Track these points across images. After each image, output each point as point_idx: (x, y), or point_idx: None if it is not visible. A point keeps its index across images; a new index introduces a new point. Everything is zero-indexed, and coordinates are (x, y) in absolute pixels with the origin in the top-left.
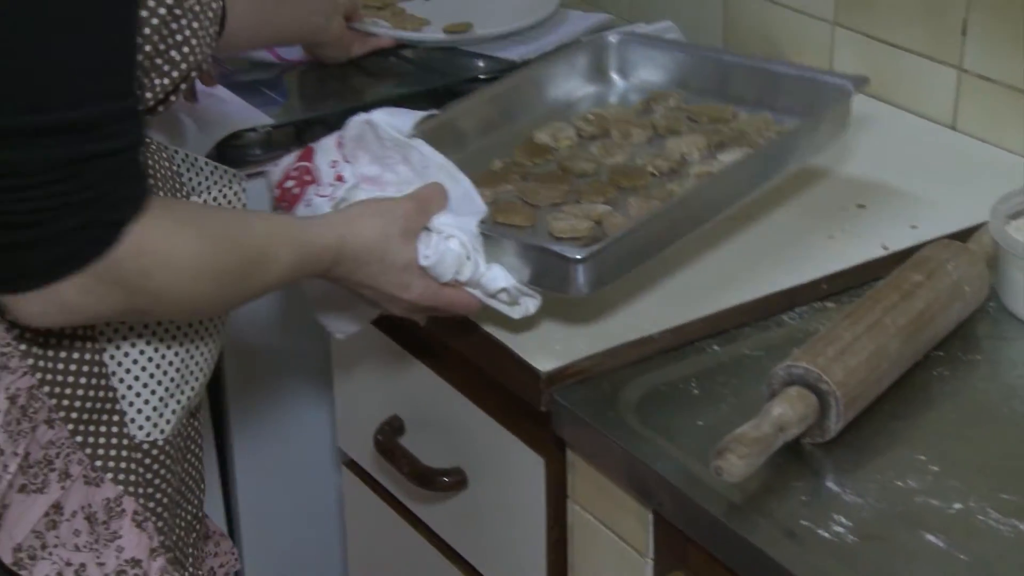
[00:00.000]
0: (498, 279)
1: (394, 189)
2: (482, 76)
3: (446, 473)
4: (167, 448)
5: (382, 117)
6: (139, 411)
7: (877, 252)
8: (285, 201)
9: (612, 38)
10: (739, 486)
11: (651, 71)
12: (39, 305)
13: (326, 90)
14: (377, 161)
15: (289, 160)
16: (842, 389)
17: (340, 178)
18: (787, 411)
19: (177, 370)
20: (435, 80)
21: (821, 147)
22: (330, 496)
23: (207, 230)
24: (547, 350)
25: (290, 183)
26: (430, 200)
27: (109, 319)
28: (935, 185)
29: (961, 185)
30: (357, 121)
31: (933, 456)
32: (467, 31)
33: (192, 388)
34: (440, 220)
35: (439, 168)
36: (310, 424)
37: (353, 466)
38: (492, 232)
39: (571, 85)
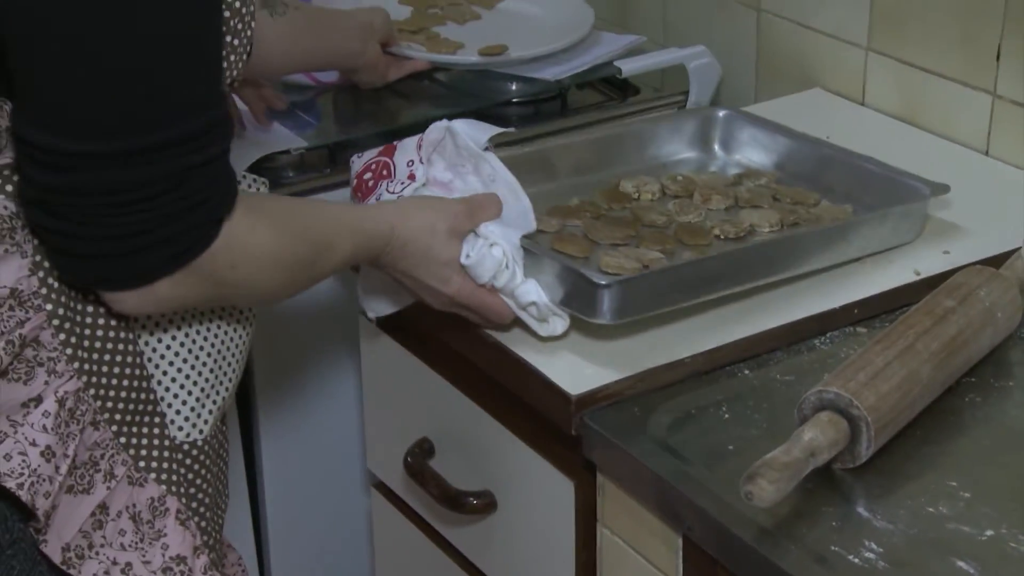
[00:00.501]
0: (530, 292)
1: (460, 196)
2: (516, 99)
3: (475, 496)
4: (206, 448)
5: (462, 127)
6: (178, 412)
7: (909, 278)
8: (360, 192)
9: (720, 113)
10: (769, 511)
11: (753, 150)
12: (136, 299)
13: (360, 113)
14: (451, 168)
15: (372, 153)
16: (873, 414)
17: (412, 177)
18: (818, 436)
19: (211, 371)
20: (469, 103)
21: (884, 242)
22: (359, 518)
23: (280, 222)
24: (577, 373)
25: (368, 175)
26: (482, 207)
27: (193, 306)
28: (968, 211)
29: (994, 211)
30: (438, 126)
31: (965, 482)
32: (502, 53)
33: (226, 388)
34: (488, 227)
35: (505, 183)
36: (339, 445)
37: (382, 488)
38: (534, 248)
39: (673, 147)
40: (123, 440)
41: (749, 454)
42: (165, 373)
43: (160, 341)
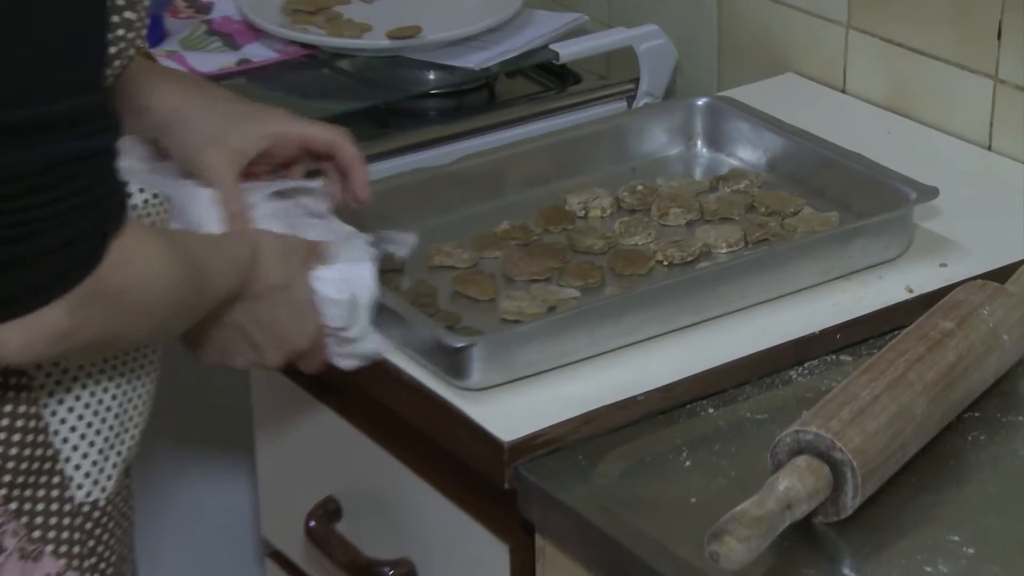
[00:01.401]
0: (371, 346)
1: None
2: (434, 91)
3: (392, 565)
4: (109, 509)
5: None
6: (77, 467)
7: (900, 296)
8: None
9: (700, 102)
10: (740, 574)
11: (741, 147)
12: (23, 336)
13: None
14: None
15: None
16: (860, 458)
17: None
18: (795, 485)
19: (116, 416)
20: (378, 95)
21: (856, 262)
22: None
23: (169, 238)
24: (510, 416)
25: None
26: (322, 248)
27: (80, 349)
28: (968, 216)
29: (998, 216)
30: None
31: (968, 536)
32: (415, 36)
33: (132, 437)
34: (335, 271)
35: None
36: (227, 509)
37: (279, 558)
38: (388, 301)
39: (650, 146)
40: (14, 506)
41: (715, 508)
42: (64, 421)
43: (59, 383)
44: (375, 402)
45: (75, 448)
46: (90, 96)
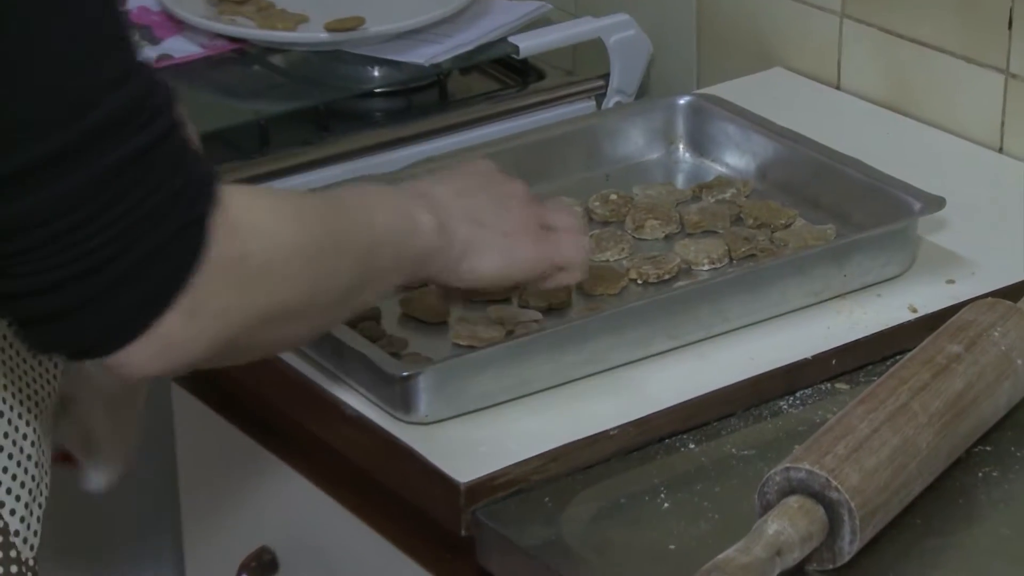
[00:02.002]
0: None
1: None
2: (379, 89)
3: None
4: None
5: None
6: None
7: (903, 316)
8: None
9: (682, 101)
10: None
11: (728, 151)
12: (147, 351)
13: None
14: None
15: None
16: (858, 498)
17: None
18: (786, 528)
19: (36, 464)
20: (316, 95)
21: (852, 281)
22: None
23: (282, 194)
24: (467, 454)
25: None
26: None
27: (227, 343)
28: (977, 227)
29: (1011, 227)
30: None
31: None
32: (357, 28)
33: (47, 486)
34: None
35: None
36: (148, 563)
37: None
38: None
39: (626, 150)
40: None
41: (697, 555)
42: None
43: None
44: (313, 440)
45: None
46: (124, 89)
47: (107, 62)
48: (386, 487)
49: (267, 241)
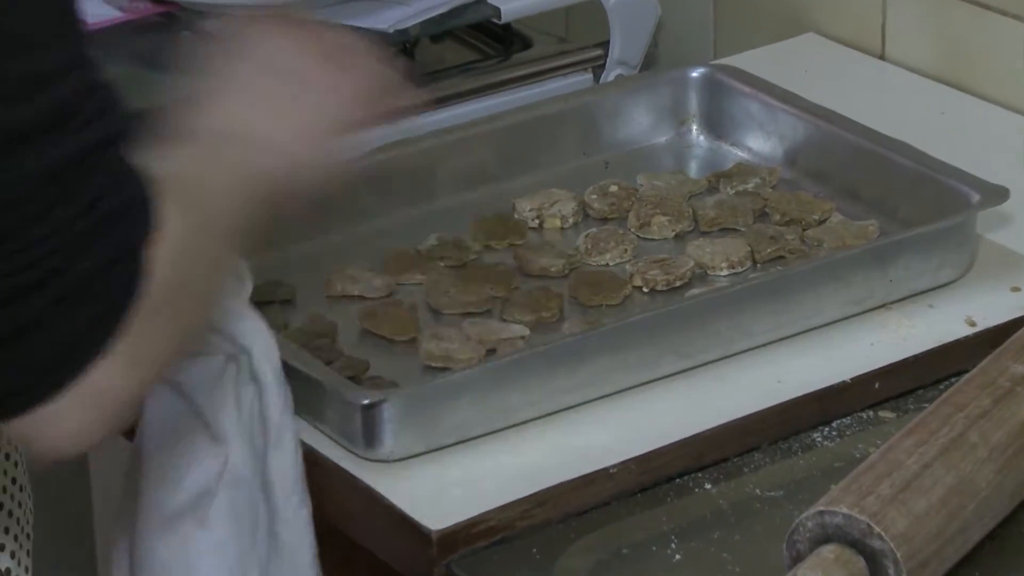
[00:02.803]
0: None
1: None
2: None
3: None
4: None
5: None
6: None
7: (958, 331)
8: None
9: (694, 73)
10: None
11: (749, 133)
12: (75, 413)
13: None
14: None
15: None
16: (905, 547)
17: None
18: None
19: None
20: None
21: (901, 287)
22: None
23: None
24: (440, 496)
25: None
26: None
27: (152, 381)
28: None
29: None
30: None
31: None
32: None
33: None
34: None
35: None
36: None
37: None
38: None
39: (627, 132)
40: None
41: None
42: None
43: None
44: None
45: None
46: (61, 84)
47: (52, 51)
48: (345, 536)
49: (196, 260)
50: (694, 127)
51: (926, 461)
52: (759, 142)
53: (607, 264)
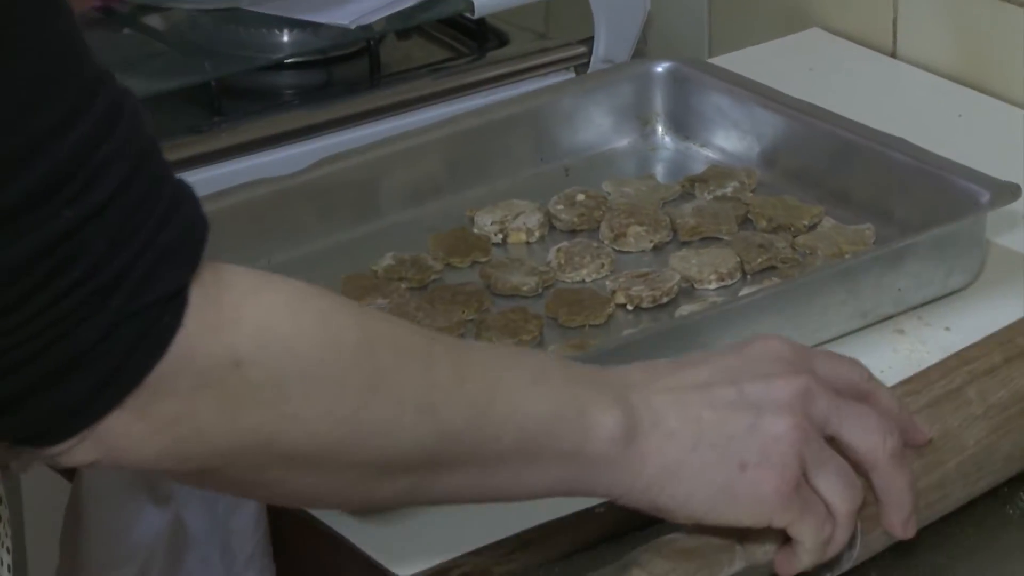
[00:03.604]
0: None
1: None
2: (291, 60)
3: None
4: None
5: None
6: None
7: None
8: None
9: (660, 68)
10: None
11: (722, 131)
12: (86, 450)
13: None
14: None
15: None
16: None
17: None
18: None
19: None
20: (206, 68)
21: (907, 298)
22: None
23: (331, 302)
24: (410, 540)
25: None
26: None
27: (194, 461)
28: None
29: None
30: None
31: None
32: None
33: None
34: None
35: None
36: None
37: None
38: None
39: (585, 136)
40: None
41: None
42: None
43: None
44: None
45: None
46: (68, 138)
47: (53, 109)
48: None
49: (277, 346)
50: (659, 127)
51: (911, 410)
52: (732, 141)
53: (584, 280)
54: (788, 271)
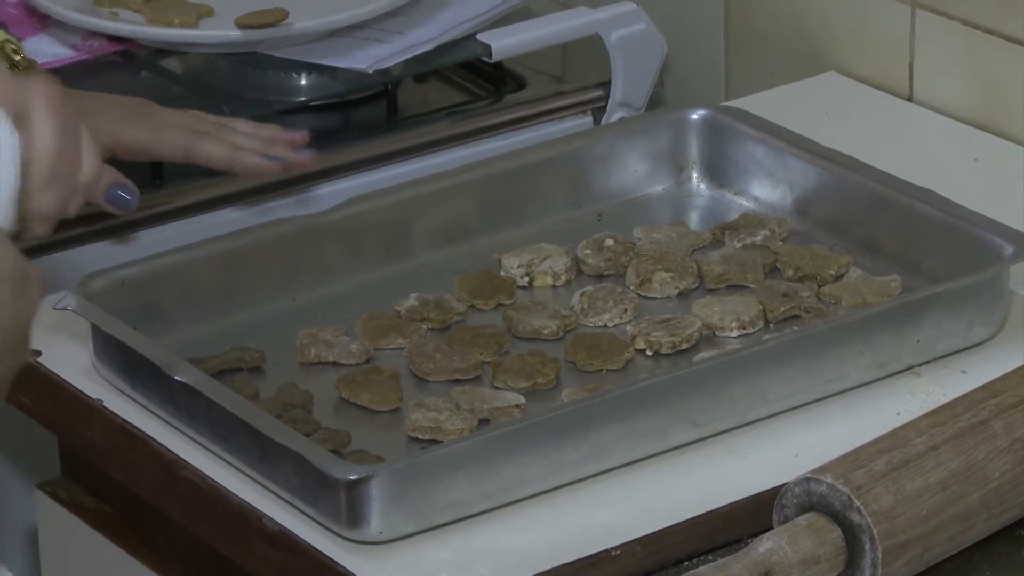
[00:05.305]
0: None
1: None
2: (311, 102)
3: None
4: None
5: None
6: None
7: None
8: None
9: (694, 116)
10: None
11: (756, 180)
12: None
13: None
14: None
15: None
16: (884, 525)
17: None
18: (782, 548)
19: None
20: (223, 112)
21: (927, 349)
22: None
23: None
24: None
25: None
26: None
27: None
28: None
29: None
30: None
31: None
32: (279, 24)
33: None
34: None
35: None
36: None
37: None
38: (246, 416)
39: (619, 182)
40: None
41: None
42: None
43: None
44: (226, 564)
45: None
46: None
47: None
48: None
49: None
50: (694, 175)
51: (935, 443)
52: (766, 190)
53: (605, 325)
54: (811, 320)
